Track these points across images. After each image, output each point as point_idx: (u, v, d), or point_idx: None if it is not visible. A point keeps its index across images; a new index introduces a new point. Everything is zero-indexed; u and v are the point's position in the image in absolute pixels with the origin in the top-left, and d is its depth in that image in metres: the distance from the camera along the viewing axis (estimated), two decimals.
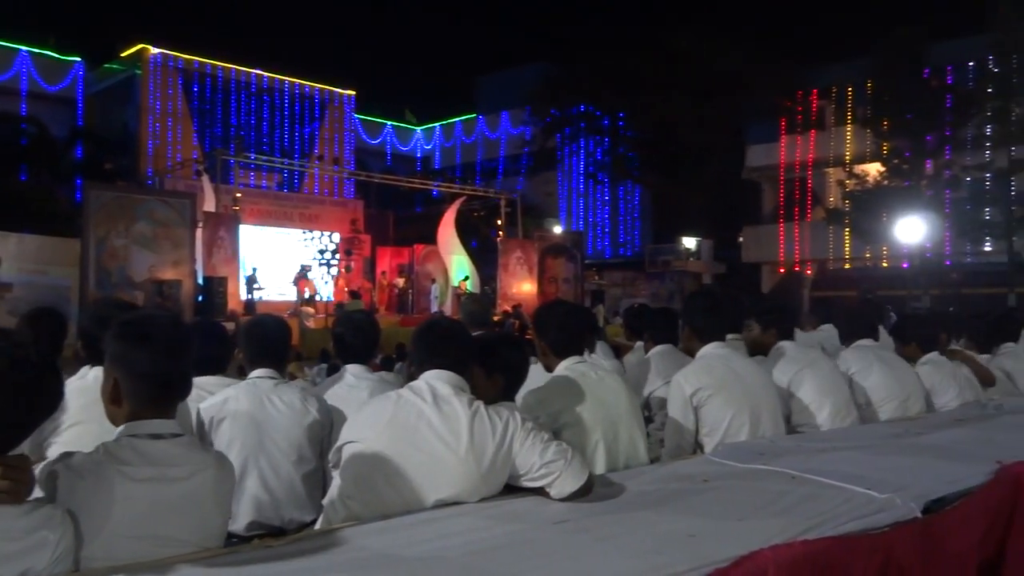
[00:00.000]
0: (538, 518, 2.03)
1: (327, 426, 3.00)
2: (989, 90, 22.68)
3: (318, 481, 2.96)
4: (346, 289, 22.65)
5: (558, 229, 30.48)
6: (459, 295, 22.14)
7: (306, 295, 20.63)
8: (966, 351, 4.78)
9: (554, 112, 32.69)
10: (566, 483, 2.18)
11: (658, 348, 4.23)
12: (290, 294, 21.36)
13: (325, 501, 2.34)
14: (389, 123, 40.52)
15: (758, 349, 3.86)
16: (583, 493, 2.19)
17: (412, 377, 2.42)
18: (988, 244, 23.75)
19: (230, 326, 8.77)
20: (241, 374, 3.28)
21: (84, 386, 2.51)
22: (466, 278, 24.31)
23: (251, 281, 20.20)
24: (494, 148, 39.70)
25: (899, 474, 2.36)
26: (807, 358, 3.63)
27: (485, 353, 2.60)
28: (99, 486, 1.71)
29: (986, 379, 4.46)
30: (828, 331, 5.47)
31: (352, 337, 3.42)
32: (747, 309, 3.93)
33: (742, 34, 28.00)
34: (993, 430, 3.22)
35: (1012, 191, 22.63)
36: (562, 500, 2.17)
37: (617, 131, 34.12)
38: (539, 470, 2.19)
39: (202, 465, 1.87)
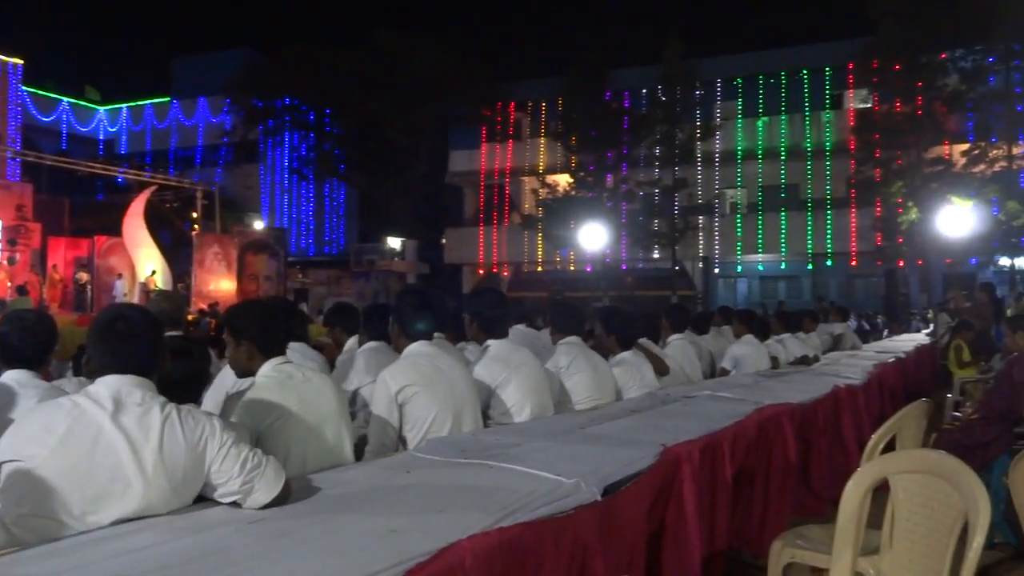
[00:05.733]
0: (233, 523, 1.92)
1: None
2: (658, 116, 25.75)
3: None
4: (9, 284, 19.90)
5: (260, 224, 29.34)
6: (148, 291, 20.46)
7: None
8: (650, 344, 5.40)
9: (256, 103, 31.35)
10: (259, 496, 2.07)
11: (370, 344, 4.21)
12: None
13: None
14: (66, 100, 36.29)
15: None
16: (279, 503, 2.10)
17: (90, 377, 2.16)
18: (656, 251, 26.87)
19: None
20: None
21: None
22: (153, 272, 22.55)
23: None
24: (190, 136, 37.18)
25: (583, 461, 2.58)
26: (516, 359, 3.82)
27: None
28: None
29: (662, 370, 5.08)
30: (521, 330, 5.83)
31: (19, 339, 2.99)
32: (456, 308, 4.07)
33: (448, 43, 28.99)
34: (659, 417, 3.66)
35: (676, 206, 25.86)
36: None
37: (323, 127, 33.58)
38: (229, 484, 2.06)
39: None
